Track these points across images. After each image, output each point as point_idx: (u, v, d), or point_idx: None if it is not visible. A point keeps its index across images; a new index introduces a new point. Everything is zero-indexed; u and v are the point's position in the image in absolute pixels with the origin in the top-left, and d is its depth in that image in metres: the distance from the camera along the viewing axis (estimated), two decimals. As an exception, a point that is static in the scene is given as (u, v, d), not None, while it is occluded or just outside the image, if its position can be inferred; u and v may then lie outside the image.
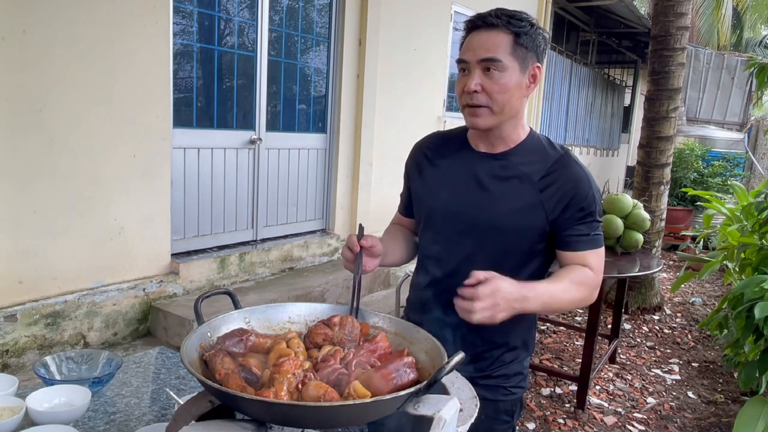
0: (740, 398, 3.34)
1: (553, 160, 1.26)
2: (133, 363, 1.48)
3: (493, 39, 1.19)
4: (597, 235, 1.28)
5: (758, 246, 2.92)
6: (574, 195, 1.23)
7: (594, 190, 1.26)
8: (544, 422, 2.94)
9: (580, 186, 1.24)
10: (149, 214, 3.37)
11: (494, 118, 1.22)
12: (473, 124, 1.25)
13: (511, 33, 1.19)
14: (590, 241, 1.26)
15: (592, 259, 1.26)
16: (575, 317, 4.67)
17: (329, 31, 4.52)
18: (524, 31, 1.20)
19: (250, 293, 3.70)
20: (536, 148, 1.30)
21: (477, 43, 1.21)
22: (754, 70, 3.45)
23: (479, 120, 1.22)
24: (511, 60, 1.19)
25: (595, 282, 1.27)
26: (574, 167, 1.26)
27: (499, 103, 1.20)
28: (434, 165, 1.37)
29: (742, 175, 8.88)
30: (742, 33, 15.63)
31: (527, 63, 1.22)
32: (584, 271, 1.25)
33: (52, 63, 2.82)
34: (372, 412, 0.87)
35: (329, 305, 1.20)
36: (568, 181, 1.24)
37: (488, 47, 1.19)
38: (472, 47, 1.21)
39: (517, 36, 1.19)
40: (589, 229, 1.26)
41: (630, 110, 12.25)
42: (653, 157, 4.77)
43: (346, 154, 4.74)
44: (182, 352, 0.93)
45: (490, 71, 1.19)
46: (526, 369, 1.42)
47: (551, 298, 1.18)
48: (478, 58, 1.19)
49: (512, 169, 1.26)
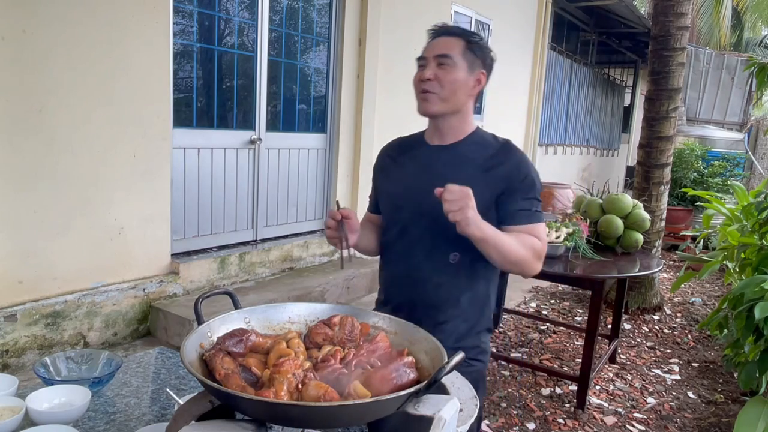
0: (740, 398, 3.34)
1: (497, 148, 1.46)
2: (133, 363, 1.48)
3: (449, 42, 1.43)
4: (537, 211, 1.43)
5: (758, 246, 2.92)
6: (515, 175, 1.41)
7: (533, 172, 1.44)
8: (544, 422, 2.94)
9: (521, 167, 1.43)
10: (149, 214, 3.38)
11: (442, 104, 1.43)
12: (425, 109, 1.45)
13: (463, 39, 1.44)
14: (532, 215, 1.42)
15: (537, 232, 1.41)
16: (575, 317, 4.68)
17: (329, 31, 4.52)
18: (475, 40, 1.45)
19: (250, 293, 3.70)
20: (481, 140, 1.51)
21: (435, 43, 1.44)
22: (754, 70, 3.45)
23: (430, 105, 1.43)
24: (461, 59, 1.42)
25: (541, 250, 1.41)
26: (515, 153, 1.46)
27: (447, 90, 1.41)
28: (396, 163, 1.59)
29: (742, 175, 8.87)
30: (742, 33, 15.62)
31: (474, 67, 1.45)
32: (531, 238, 1.40)
33: (52, 63, 2.82)
34: (372, 412, 0.87)
35: (329, 305, 1.21)
36: (509, 163, 1.43)
37: (442, 46, 1.43)
38: (432, 46, 1.45)
39: (468, 42, 1.43)
40: (530, 205, 1.42)
41: (630, 110, 12.25)
42: (653, 157, 4.77)
43: (346, 154, 4.74)
44: (182, 352, 0.93)
45: (443, 65, 1.41)
46: (485, 344, 1.57)
47: (500, 237, 1.32)
48: (434, 54, 1.42)
49: (460, 157, 1.46)
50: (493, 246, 1.31)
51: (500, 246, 1.32)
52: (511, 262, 1.36)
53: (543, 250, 1.42)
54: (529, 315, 4.44)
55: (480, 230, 1.28)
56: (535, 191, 1.43)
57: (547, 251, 1.47)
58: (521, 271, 1.39)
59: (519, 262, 1.37)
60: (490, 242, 1.30)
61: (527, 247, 1.37)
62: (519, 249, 1.35)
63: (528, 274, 1.41)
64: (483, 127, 1.55)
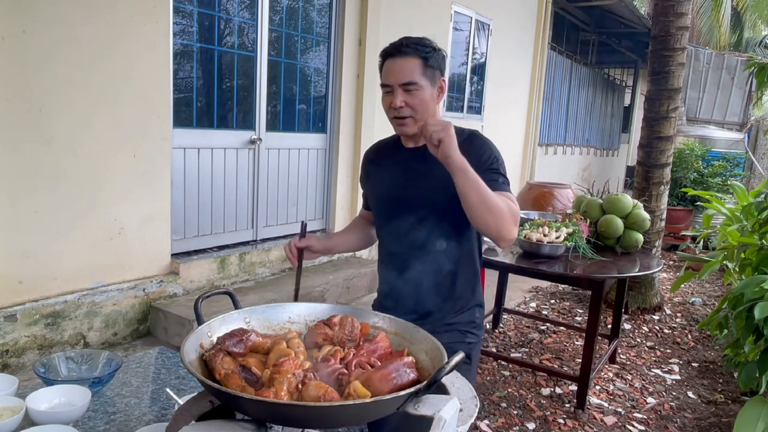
0: (740, 398, 3.34)
1: (463, 139, 1.50)
2: (133, 363, 1.48)
3: (408, 65, 1.49)
4: (504, 183, 1.51)
5: (758, 246, 2.92)
6: (480, 157, 1.50)
7: (495, 152, 1.55)
8: (544, 422, 2.94)
9: (483, 150, 1.53)
10: (149, 214, 3.38)
11: (417, 124, 1.53)
12: (402, 132, 1.59)
13: (420, 58, 1.49)
14: (500, 185, 1.48)
15: (507, 197, 1.46)
16: (575, 317, 4.68)
17: (329, 31, 4.52)
18: (430, 55, 1.50)
19: (250, 293, 3.70)
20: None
21: (395, 69, 1.50)
22: (754, 70, 3.45)
23: (406, 128, 1.55)
24: (423, 80, 1.49)
25: (516, 212, 1.44)
26: (477, 140, 1.56)
27: (419, 113, 1.51)
28: (378, 165, 1.73)
29: (742, 175, 8.87)
30: (742, 33, 15.62)
31: (435, 79, 1.53)
32: (505, 197, 1.45)
33: (53, 63, 2.82)
34: (372, 412, 0.87)
35: (329, 305, 1.21)
36: (473, 149, 1.49)
37: (405, 73, 1.49)
38: (393, 72, 1.50)
39: (425, 60, 1.49)
40: (496, 177, 1.49)
41: (630, 110, 12.25)
42: (653, 157, 4.77)
43: (346, 154, 4.74)
44: (182, 352, 0.93)
45: (410, 91, 1.49)
46: (479, 320, 1.69)
47: (478, 178, 1.36)
48: (399, 82, 1.49)
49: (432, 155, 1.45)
50: (472, 180, 1.34)
51: (479, 184, 1.35)
52: (488, 208, 1.36)
53: (518, 214, 1.45)
54: (529, 315, 4.44)
55: (461, 158, 1.32)
56: (499, 167, 1.52)
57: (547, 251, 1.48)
58: (497, 226, 1.38)
59: (496, 211, 1.37)
60: (470, 175, 1.33)
61: (504, 203, 1.40)
62: (497, 198, 1.38)
63: (504, 234, 1.40)
64: (483, 128, 1.59)
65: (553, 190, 5.51)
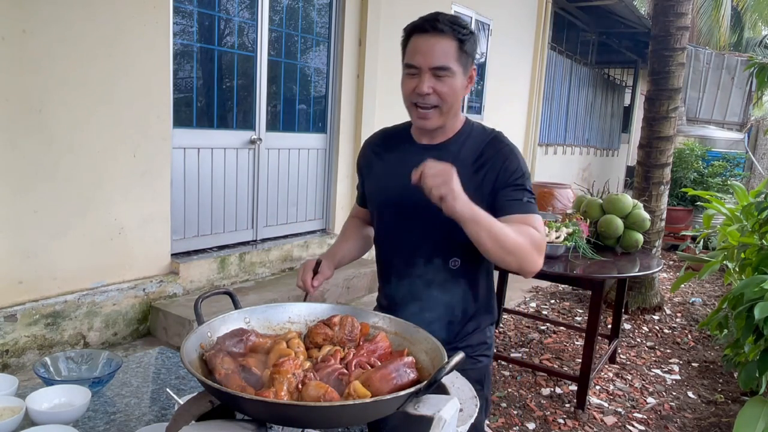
0: (740, 398, 3.34)
1: (485, 143, 1.37)
2: (133, 363, 1.48)
3: (442, 46, 1.28)
4: (530, 202, 1.32)
5: (758, 246, 2.92)
6: (504, 169, 1.32)
7: (522, 165, 1.35)
8: (544, 422, 2.94)
9: (509, 160, 1.34)
10: (149, 214, 3.37)
11: (441, 117, 1.34)
12: (422, 125, 1.36)
13: (456, 40, 1.29)
14: (525, 205, 1.31)
15: (532, 222, 1.28)
16: (575, 317, 4.68)
17: (329, 31, 4.52)
18: (467, 38, 1.30)
19: (250, 293, 3.70)
20: (470, 135, 1.41)
21: (427, 48, 1.28)
22: (754, 70, 3.45)
23: (427, 122, 1.34)
24: (457, 66, 1.30)
25: (540, 241, 1.27)
26: (503, 146, 1.37)
27: (448, 103, 1.32)
28: (382, 159, 1.49)
29: (742, 175, 8.87)
30: (742, 33, 15.62)
31: (468, 67, 1.34)
32: (527, 227, 1.27)
33: (52, 63, 2.82)
34: (372, 412, 0.87)
35: (329, 305, 1.21)
36: (498, 158, 1.34)
37: (438, 56, 1.28)
38: (423, 52, 1.29)
39: (461, 43, 1.29)
40: (521, 195, 1.31)
41: (630, 110, 12.25)
42: (653, 157, 4.77)
43: (346, 154, 4.74)
44: (182, 352, 0.93)
45: (440, 77, 1.29)
46: (491, 339, 1.52)
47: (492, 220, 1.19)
48: (430, 65, 1.28)
49: (450, 156, 1.32)
50: (486, 228, 1.17)
51: (494, 229, 1.18)
52: (507, 251, 1.20)
53: (542, 243, 1.28)
54: (529, 315, 4.44)
55: (469, 208, 1.14)
56: (525, 184, 1.33)
57: (547, 251, 1.43)
58: (520, 264, 1.23)
59: (516, 251, 1.21)
60: (482, 224, 1.16)
61: (524, 236, 1.23)
62: (515, 236, 1.21)
63: (528, 268, 1.25)
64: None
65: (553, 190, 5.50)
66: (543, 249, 1.29)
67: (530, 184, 1.35)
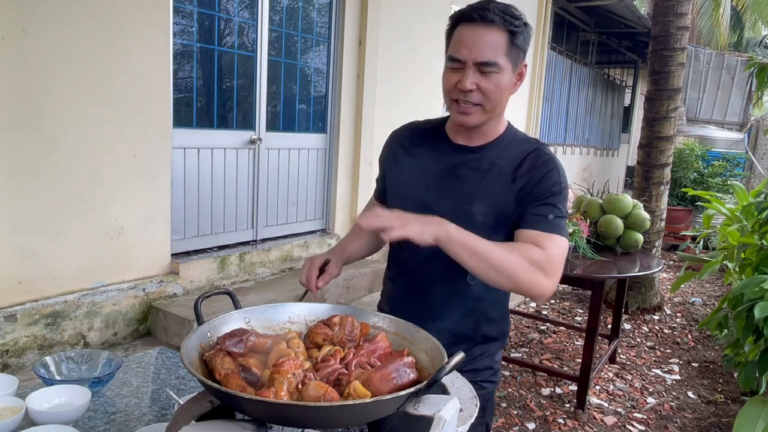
0: (740, 398, 3.34)
1: (527, 153, 1.27)
2: (133, 363, 1.48)
3: (490, 39, 1.16)
4: (557, 219, 1.20)
5: (758, 246, 2.92)
6: (542, 181, 1.22)
7: (560, 181, 1.24)
8: (544, 422, 2.94)
9: (550, 174, 1.24)
10: (149, 214, 3.37)
11: (484, 115, 1.23)
12: (462, 122, 1.24)
13: (507, 32, 1.17)
14: (548, 223, 1.19)
15: (545, 242, 1.16)
16: (575, 317, 4.68)
17: (329, 31, 4.52)
18: (519, 30, 1.19)
19: (250, 293, 3.70)
20: (511, 142, 1.31)
21: (473, 40, 1.16)
22: (754, 70, 3.45)
23: (469, 118, 1.22)
24: (506, 61, 1.19)
25: (541, 259, 1.14)
26: (545, 157, 1.26)
27: (492, 102, 1.21)
28: (410, 155, 1.36)
29: (742, 175, 8.88)
30: (742, 33, 15.63)
31: (518, 63, 1.23)
32: (531, 247, 1.15)
33: (52, 63, 2.82)
34: (372, 412, 0.87)
35: (329, 305, 1.21)
36: (538, 169, 1.24)
37: (486, 50, 1.16)
38: (469, 44, 1.17)
39: (512, 35, 1.18)
40: (549, 212, 1.20)
41: (630, 110, 12.25)
42: (653, 157, 4.77)
43: (346, 154, 4.74)
44: (182, 352, 0.93)
45: (486, 74, 1.18)
46: (497, 363, 1.41)
47: (475, 238, 1.10)
48: (475, 60, 1.17)
49: (488, 162, 1.26)
50: (466, 249, 1.08)
51: (477, 248, 1.08)
52: (497, 270, 1.10)
53: (549, 263, 1.15)
54: (529, 315, 4.44)
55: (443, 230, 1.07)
56: (557, 200, 1.22)
57: None
58: (515, 283, 1.13)
59: (508, 271, 1.10)
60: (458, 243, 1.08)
61: (519, 254, 1.12)
62: (506, 254, 1.11)
63: (528, 289, 1.14)
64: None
65: (553, 190, 5.50)
66: (551, 270, 1.16)
67: (565, 202, 1.24)
